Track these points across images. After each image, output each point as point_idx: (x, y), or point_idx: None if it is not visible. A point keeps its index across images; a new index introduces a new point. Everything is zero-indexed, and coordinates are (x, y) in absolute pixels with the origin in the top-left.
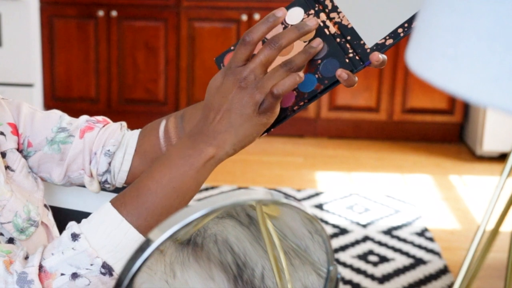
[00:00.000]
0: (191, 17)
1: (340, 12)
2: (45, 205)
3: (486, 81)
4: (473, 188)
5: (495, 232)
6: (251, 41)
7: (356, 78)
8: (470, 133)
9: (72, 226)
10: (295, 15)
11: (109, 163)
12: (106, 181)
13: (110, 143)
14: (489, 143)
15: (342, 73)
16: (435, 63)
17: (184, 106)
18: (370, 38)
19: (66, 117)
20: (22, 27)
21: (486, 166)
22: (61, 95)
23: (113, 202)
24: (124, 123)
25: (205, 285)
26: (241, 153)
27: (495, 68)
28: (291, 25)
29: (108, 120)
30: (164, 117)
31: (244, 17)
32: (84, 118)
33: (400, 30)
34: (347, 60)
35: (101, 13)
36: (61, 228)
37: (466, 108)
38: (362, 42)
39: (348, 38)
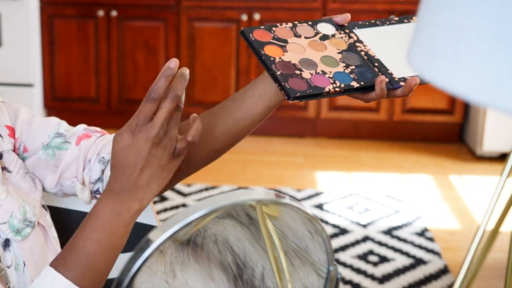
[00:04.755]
0: (191, 17)
1: (366, 45)
2: (43, 206)
3: (486, 81)
4: (473, 188)
5: (495, 232)
6: (157, 98)
7: (385, 93)
8: (470, 133)
9: None
10: (327, 28)
11: (103, 171)
12: (97, 190)
13: (105, 150)
14: (489, 143)
15: (383, 81)
16: (436, 63)
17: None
18: (396, 71)
19: (64, 124)
20: (22, 27)
21: (486, 166)
22: (61, 95)
23: (55, 267)
24: None
25: (205, 285)
26: (241, 153)
27: (495, 68)
28: (324, 34)
29: (106, 132)
30: None
31: (244, 17)
32: (82, 126)
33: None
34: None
35: (101, 13)
36: (59, 229)
37: (466, 108)
38: (389, 71)
39: (376, 64)
